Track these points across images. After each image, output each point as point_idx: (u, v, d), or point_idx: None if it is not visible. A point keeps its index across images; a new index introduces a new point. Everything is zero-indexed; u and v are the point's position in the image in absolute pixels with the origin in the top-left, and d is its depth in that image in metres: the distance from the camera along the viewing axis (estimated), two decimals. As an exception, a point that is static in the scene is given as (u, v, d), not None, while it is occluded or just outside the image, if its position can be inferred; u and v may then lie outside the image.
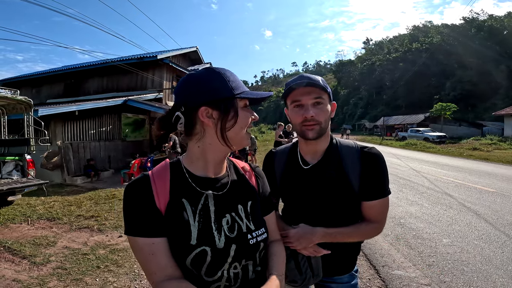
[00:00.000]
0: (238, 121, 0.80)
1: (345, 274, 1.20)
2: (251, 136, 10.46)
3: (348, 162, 1.12)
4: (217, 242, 0.75)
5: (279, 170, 1.24)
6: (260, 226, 0.85)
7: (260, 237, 0.83)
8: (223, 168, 0.88)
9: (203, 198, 0.79)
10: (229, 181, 0.87)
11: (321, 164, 1.15)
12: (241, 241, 0.79)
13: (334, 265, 1.17)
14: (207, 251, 0.73)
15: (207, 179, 0.83)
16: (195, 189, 0.80)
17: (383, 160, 1.12)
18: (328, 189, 1.12)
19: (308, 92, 1.08)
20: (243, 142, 0.84)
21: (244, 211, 0.84)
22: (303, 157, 1.20)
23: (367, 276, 3.06)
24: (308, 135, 1.10)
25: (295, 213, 1.18)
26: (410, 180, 8.15)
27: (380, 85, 58.53)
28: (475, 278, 2.92)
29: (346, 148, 1.16)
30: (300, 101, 1.10)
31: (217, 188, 0.83)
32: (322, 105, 1.09)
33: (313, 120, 1.08)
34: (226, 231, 0.78)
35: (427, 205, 5.65)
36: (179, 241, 0.73)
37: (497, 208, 5.31)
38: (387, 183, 1.12)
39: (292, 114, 1.14)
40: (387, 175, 1.12)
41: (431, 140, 24.04)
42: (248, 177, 0.94)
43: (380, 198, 1.10)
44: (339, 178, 1.11)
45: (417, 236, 4.11)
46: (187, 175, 0.81)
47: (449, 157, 14.75)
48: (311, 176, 1.15)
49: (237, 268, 0.78)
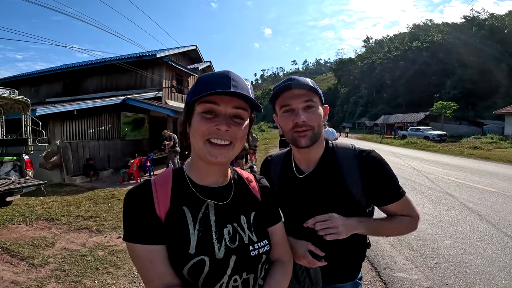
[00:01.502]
0: (191, 127, 0.77)
1: (348, 282, 1.13)
2: (253, 134, 10.38)
3: (346, 169, 1.04)
4: (217, 252, 0.73)
5: (275, 179, 1.17)
6: (262, 238, 0.82)
7: (262, 249, 0.80)
8: (224, 178, 0.85)
9: (204, 207, 0.77)
10: (232, 191, 0.84)
11: (317, 173, 1.08)
12: (242, 252, 0.76)
13: (336, 272, 1.10)
14: (205, 261, 0.71)
15: (209, 187, 0.81)
16: (197, 197, 0.78)
17: (384, 163, 1.05)
18: (324, 199, 1.05)
19: (298, 95, 1.00)
20: (203, 153, 0.75)
21: (246, 222, 0.81)
22: (297, 165, 1.13)
23: (368, 279, 3.03)
24: (300, 143, 1.02)
25: (292, 224, 1.09)
26: (411, 180, 8.12)
27: (381, 83, 58.40)
28: (478, 281, 2.89)
29: (343, 152, 1.09)
30: (290, 105, 1.01)
31: (219, 197, 0.81)
32: (313, 108, 1.01)
33: (305, 125, 0.99)
34: (227, 241, 0.75)
35: (428, 206, 5.61)
36: (178, 249, 0.71)
37: (499, 209, 5.27)
38: (397, 185, 1.05)
39: (281, 120, 1.05)
40: (392, 176, 1.04)
41: (431, 138, 23.99)
42: (252, 188, 0.91)
43: (394, 201, 1.04)
44: (337, 187, 1.04)
45: (418, 237, 4.08)
46: (189, 182, 0.80)
47: (450, 156, 14.72)
48: (306, 185, 1.09)
49: (237, 282, 0.75)
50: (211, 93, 0.71)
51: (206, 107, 0.74)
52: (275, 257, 0.89)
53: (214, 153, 0.74)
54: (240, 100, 0.75)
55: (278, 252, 0.90)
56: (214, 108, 0.74)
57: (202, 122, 0.74)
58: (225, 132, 0.73)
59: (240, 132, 0.76)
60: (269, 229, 0.89)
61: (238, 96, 0.74)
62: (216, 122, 0.73)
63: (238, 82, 0.75)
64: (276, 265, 0.88)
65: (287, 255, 0.93)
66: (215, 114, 0.74)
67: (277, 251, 0.89)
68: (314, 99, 1.01)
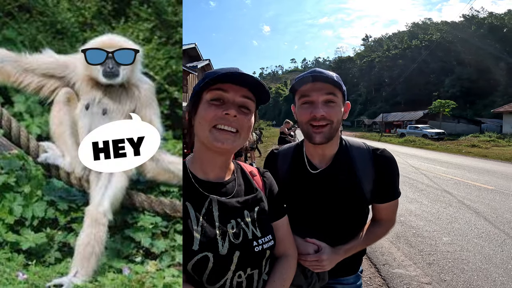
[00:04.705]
0: (197, 115, 0.76)
1: (351, 275, 1.17)
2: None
3: (360, 167, 1.05)
4: (220, 249, 0.73)
5: (282, 174, 1.14)
6: (267, 233, 0.81)
7: (266, 244, 0.79)
8: (227, 172, 0.85)
9: (207, 203, 0.77)
10: (235, 186, 0.84)
11: (331, 169, 1.07)
12: (245, 248, 0.76)
13: (340, 266, 1.11)
14: (209, 257, 0.71)
15: (212, 182, 0.80)
16: (200, 192, 0.77)
17: (396, 163, 1.07)
18: (338, 195, 1.05)
19: (319, 88, 0.96)
20: (208, 140, 0.74)
21: (250, 217, 0.81)
22: (309, 160, 1.11)
23: (367, 275, 3.05)
24: (315, 140, 0.99)
25: (300, 219, 1.08)
26: (410, 177, 8.15)
27: (379, 82, 58.54)
28: (475, 277, 2.92)
29: (357, 150, 1.09)
30: (310, 97, 0.97)
31: (222, 192, 0.80)
32: (334, 103, 0.97)
33: (324, 119, 0.96)
34: (231, 237, 0.75)
35: (426, 203, 5.65)
36: (183, 245, 0.71)
37: (496, 206, 5.32)
38: (398, 185, 1.10)
39: (299, 111, 1.02)
40: (398, 177, 1.09)
41: (429, 137, 24.09)
42: (256, 182, 0.90)
43: (392, 200, 1.08)
44: (351, 184, 1.04)
45: (417, 234, 4.11)
46: (192, 177, 0.79)
47: (448, 154, 14.78)
48: (320, 181, 1.07)
49: (242, 277, 0.75)
50: (222, 76, 0.71)
51: (215, 94, 0.74)
52: (280, 252, 0.88)
53: (221, 138, 0.73)
54: (247, 91, 0.76)
55: (282, 247, 0.89)
56: (222, 95, 0.74)
57: (210, 109, 0.73)
58: (234, 118, 0.73)
59: (247, 121, 0.76)
60: (274, 224, 0.88)
61: (246, 85, 0.75)
62: (224, 108, 0.73)
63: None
64: (280, 260, 0.87)
65: (291, 250, 0.92)
66: (223, 101, 0.74)
67: (282, 246, 0.88)
68: (336, 93, 0.98)
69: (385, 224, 1.13)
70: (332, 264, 1.00)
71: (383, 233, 1.14)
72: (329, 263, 0.99)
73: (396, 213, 1.14)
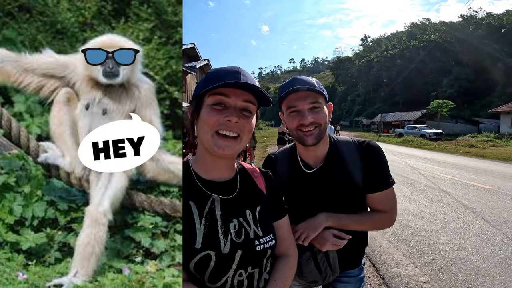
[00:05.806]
0: (199, 118, 0.77)
1: (356, 268, 1.24)
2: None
3: (349, 160, 1.12)
4: (222, 247, 0.73)
5: (283, 176, 1.20)
6: (268, 233, 0.82)
7: (268, 243, 0.80)
8: (230, 172, 0.86)
9: (210, 202, 0.78)
10: (238, 186, 0.84)
11: (325, 167, 1.14)
12: (247, 247, 0.77)
13: (346, 259, 1.18)
14: (211, 255, 0.72)
15: (214, 182, 0.81)
16: (202, 191, 0.78)
17: (382, 152, 1.13)
18: (334, 190, 1.12)
19: (304, 97, 1.04)
20: (210, 145, 0.75)
21: (252, 216, 0.82)
22: (304, 161, 1.18)
23: (366, 274, 3.06)
24: (307, 142, 1.06)
25: (301, 217, 1.15)
26: (408, 177, 8.19)
27: (378, 82, 58.68)
28: (473, 276, 2.94)
29: (345, 145, 1.16)
30: (296, 106, 1.05)
31: (224, 192, 0.81)
32: (319, 109, 1.06)
33: (312, 123, 1.04)
34: (233, 236, 0.76)
35: (424, 203, 5.67)
36: (184, 244, 0.72)
37: (493, 206, 5.35)
38: (389, 174, 1.13)
39: (288, 119, 1.10)
40: (387, 166, 1.13)
41: (427, 137, 24.18)
42: (258, 182, 0.91)
43: (384, 189, 1.11)
44: (344, 178, 1.11)
45: (415, 233, 4.13)
46: (195, 176, 0.80)
47: (446, 154, 14.84)
48: (316, 179, 1.14)
49: (243, 276, 0.76)
50: (223, 84, 0.71)
51: (216, 98, 0.74)
52: (281, 252, 0.89)
53: (222, 145, 0.74)
54: (249, 94, 0.77)
55: (283, 247, 0.90)
56: (224, 100, 0.75)
57: (212, 114, 0.74)
58: (235, 124, 0.74)
59: (248, 125, 0.77)
60: (275, 223, 0.89)
61: (248, 89, 0.75)
62: (226, 114, 0.74)
63: (247, 76, 0.77)
64: (281, 260, 0.88)
65: (292, 250, 0.93)
66: (224, 106, 0.75)
67: (283, 246, 0.89)
68: (319, 100, 1.06)
69: (384, 216, 1.15)
70: (312, 229, 1.04)
71: (380, 220, 1.15)
72: (308, 230, 1.04)
73: (394, 205, 1.15)
